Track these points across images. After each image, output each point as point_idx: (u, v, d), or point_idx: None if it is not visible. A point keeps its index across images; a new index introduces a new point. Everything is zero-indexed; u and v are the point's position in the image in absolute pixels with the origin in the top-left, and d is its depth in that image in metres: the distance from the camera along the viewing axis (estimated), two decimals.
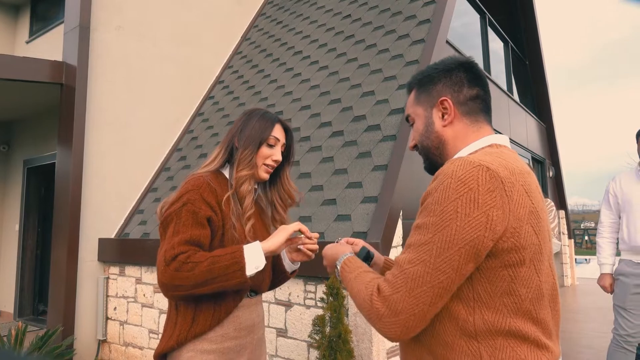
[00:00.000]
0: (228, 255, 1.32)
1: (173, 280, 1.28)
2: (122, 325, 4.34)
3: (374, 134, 3.57)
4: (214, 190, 1.44)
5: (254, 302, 1.54)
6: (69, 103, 4.49)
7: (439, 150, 1.10)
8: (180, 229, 1.34)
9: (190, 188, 1.41)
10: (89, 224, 4.47)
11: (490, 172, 0.90)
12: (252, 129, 1.52)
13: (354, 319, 2.75)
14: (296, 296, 3.09)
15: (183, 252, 1.30)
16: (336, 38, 5.01)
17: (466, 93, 1.08)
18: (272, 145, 1.53)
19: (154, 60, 5.23)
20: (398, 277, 0.91)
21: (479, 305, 0.91)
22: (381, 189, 3.15)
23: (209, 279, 1.29)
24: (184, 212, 1.37)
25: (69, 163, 4.40)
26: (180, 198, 1.40)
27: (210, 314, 1.39)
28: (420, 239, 0.92)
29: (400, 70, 3.93)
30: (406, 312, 0.89)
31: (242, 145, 1.50)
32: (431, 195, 0.94)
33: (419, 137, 1.13)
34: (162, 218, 1.42)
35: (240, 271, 1.31)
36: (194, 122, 5.53)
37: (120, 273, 4.44)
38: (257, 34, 6.35)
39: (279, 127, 1.56)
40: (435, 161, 1.11)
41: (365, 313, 0.97)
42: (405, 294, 0.89)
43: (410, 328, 0.90)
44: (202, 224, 1.37)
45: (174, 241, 1.32)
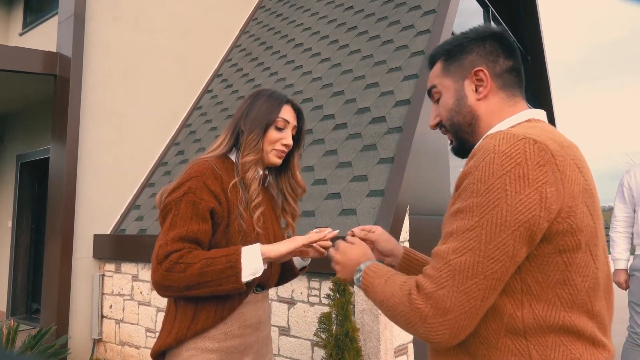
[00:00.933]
0: (223, 257, 1.21)
1: (163, 281, 1.18)
2: (118, 323, 4.22)
3: (379, 126, 3.46)
4: (219, 176, 1.31)
5: (260, 298, 1.42)
6: (63, 95, 4.35)
7: (472, 127, 0.98)
8: (178, 222, 1.23)
9: (193, 174, 1.29)
10: (83, 219, 4.34)
11: (538, 144, 0.79)
12: (258, 111, 1.39)
13: (360, 316, 2.64)
14: (299, 293, 2.98)
15: (176, 251, 1.20)
16: (338, 30, 4.89)
17: (502, 64, 0.97)
18: (281, 128, 1.40)
19: (151, 53, 5.10)
20: (442, 271, 0.80)
21: (528, 298, 0.80)
22: (387, 182, 3.04)
23: (201, 282, 1.18)
24: (184, 202, 1.25)
25: (63, 157, 4.27)
26: (181, 186, 1.28)
27: (212, 310, 1.28)
28: (465, 224, 0.80)
29: (405, 61, 3.82)
30: (455, 310, 0.77)
31: (247, 128, 1.39)
32: (471, 175, 0.82)
33: (447, 113, 1.01)
34: (161, 206, 1.30)
35: (235, 276, 1.20)
36: (192, 116, 5.40)
37: (116, 270, 4.31)
38: (257, 27, 6.23)
39: (288, 109, 1.43)
40: (466, 140, 1.01)
41: (402, 319, 0.84)
42: (452, 289, 0.78)
43: (461, 329, 0.78)
44: (202, 217, 1.25)
45: (169, 237, 1.21)
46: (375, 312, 2.59)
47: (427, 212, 3.54)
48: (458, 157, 1.06)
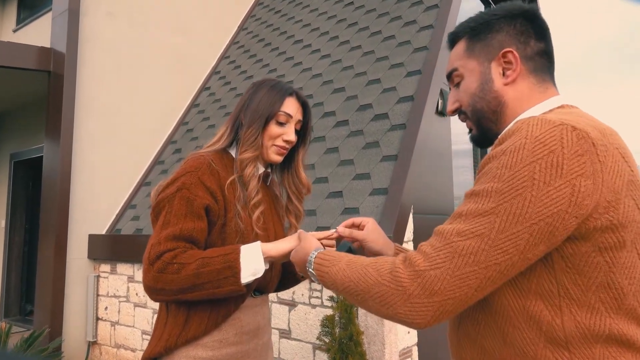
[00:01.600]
0: (221, 257, 1.11)
1: (156, 283, 1.09)
2: (113, 326, 4.12)
3: (382, 123, 3.38)
4: (216, 172, 1.22)
5: (258, 303, 1.32)
6: (57, 91, 4.25)
7: (496, 114, 0.89)
8: (171, 219, 1.14)
9: (188, 169, 1.20)
10: (78, 219, 4.24)
11: (577, 132, 0.71)
12: (259, 103, 1.29)
13: (364, 319, 2.55)
14: (300, 295, 2.89)
15: (170, 250, 1.10)
16: (338, 26, 4.80)
17: (534, 46, 0.88)
18: (283, 122, 1.30)
19: (147, 48, 5.00)
20: (441, 250, 0.73)
21: (568, 303, 0.72)
22: (391, 180, 2.95)
23: (196, 285, 1.09)
24: (177, 198, 1.16)
25: (57, 155, 4.17)
26: (175, 181, 1.19)
27: (206, 316, 1.18)
28: (478, 207, 0.73)
29: (408, 57, 3.74)
30: (444, 294, 0.72)
31: (247, 122, 1.29)
32: (496, 159, 0.75)
33: (469, 99, 0.92)
34: (154, 203, 1.21)
35: (234, 277, 1.11)
36: (189, 114, 5.30)
37: (111, 271, 4.21)
38: (255, 24, 6.13)
39: (292, 101, 1.32)
40: (489, 128, 0.92)
41: (377, 300, 0.77)
42: (447, 272, 0.72)
43: (444, 313, 0.73)
44: (197, 214, 1.16)
45: (162, 235, 1.12)
46: None
47: (431, 211, 3.45)
48: (478, 146, 0.98)
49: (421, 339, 2.98)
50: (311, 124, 1.40)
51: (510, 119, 0.88)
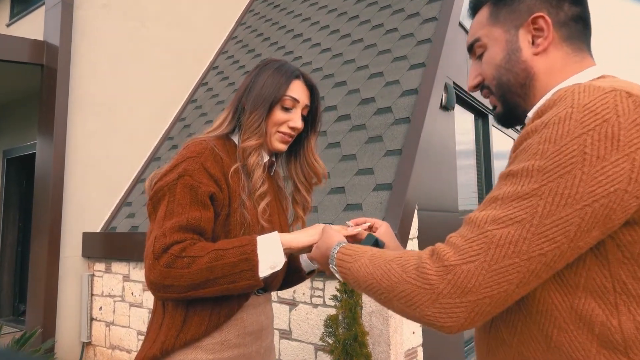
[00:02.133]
0: (236, 249, 1.01)
1: (163, 279, 0.97)
2: (108, 326, 4.00)
3: (385, 117, 3.28)
4: (220, 159, 1.12)
5: (262, 301, 1.22)
6: (50, 86, 4.13)
7: (524, 88, 0.79)
8: (175, 209, 1.03)
9: (189, 155, 1.09)
10: (72, 217, 4.12)
11: (633, 98, 0.61)
12: (262, 87, 1.18)
13: (368, 319, 2.45)
14: (302, 294, 2.79)
15: (178, 242, 0.99)
16: (339, 19, 4.70)
17: (568, 10, 0.78)
18: (289, 108, 1.19)
19: (143, 42, 4.88)
20: (474, 241, 0.64)
21: (626, 300, 0.62)
22: (395, 175, 2.85)
23: (209, 280, 0.98)
24: (180, 186, 1.05)
25: (50, 151, 4.05)
26: (175, 167, 1.08)
27: (206, 316, 1.07)
28: (516, 190, 0.63)
29: (411, 50, 3.64)
30: (479, 292, 0.62)
31: (249, 107, 1.18)
32: (537, 133, 0.65)
33: (494, 71, 0.82)
34: (151, 192, 1.09)
35: (251, 271, 1.01)
36: (187, 109, 5.19)
37: (106, 270, 4.09)
38: (253, 19, 6.03)
39: (298, 85, 1.21)
40: (515, 104, 0.82)
41: (402, 300, 0.68)
42: (482, 266, 0.62)
43: (479, 314, 0.63)
44: (203, 203, 1.05)
45: (166, 227, 1.01)
46: (385, 314, 2.40)
47: (435, 208, 3.36)
48: (503, 125, 0.88)
49: (426, 339, 2.88)
50: (321, 109, 1.29)
51: (540, 93, 0.79)
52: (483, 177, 4.88)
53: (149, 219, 1.10)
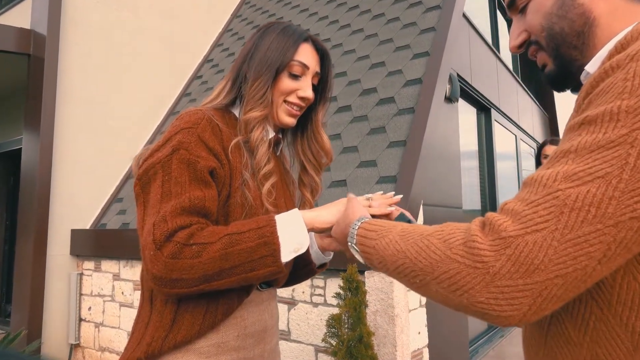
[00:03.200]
0: (253, 232, 0.85)
1: (170, 273, 0.81)
2: (97, 327, 3.83)
3: (388, 108, 3.13)
4: (219, 130, 0.96)
5: (265, 298, 1.06)
6: (37, 77, 3.96)
7: (582, 37, 0.66)
8: (173, 188, 0.87)
9: (183, 126, 0.93)
10: (59, 213, 3.95)
11: None
12: (267, 51, 1.02)
13: (373, 318, 2.31)
14: (301, 292, 2.64)
15: (183, 227, 0.83)
16: (338, 10, 4.56)
17: None
18: (298, 75, 1.03)
19: (135, 33, 4.72)
20: (540, 205, 0.50)
21: None
22: (400, 167, 2.71)
23: (224, 269, 0.83)
24: (175, 162, 0.89)
25: (37, 145, 3.88)
26: (168, 141, 0.92)
27: (200, 314, 0.91)
28: (597, 138, 0.50)
29: (414, 39, 3.50)
30: (550, 270, 0.47)
31: (252, 74, 1.02)
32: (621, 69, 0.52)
33: (544, 21, 0.68)
34: (140, 171, 0.92)
35: (272, 256, 0.85)
36: (180, 103, 5.03)
37: (95, 268, 3.92)
38: (249, 11, 5.87)
39: (308, 49, 1.05)
40: (572, 58, 0.68)
41: (446, 283, 0.53)
42: (553, 235, 0.48)
43: (546, 301, 0.49)
44: (203, 180, 0.89)
45: (166, 210, 0.84)
46: (390, 313, 2.26)
47: (441, 203, 3.22)
48: (555, 87, 0.73)
49: (432, 340, 2.74)
50: (332, 78, 1.14)
51: (602, 42, 0.65)
52: (485, 172, 4.75)
53: (136, 203, 0.93)
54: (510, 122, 5.54)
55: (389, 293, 2.27)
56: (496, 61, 5.11)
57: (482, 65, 4.51)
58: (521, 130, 6.06)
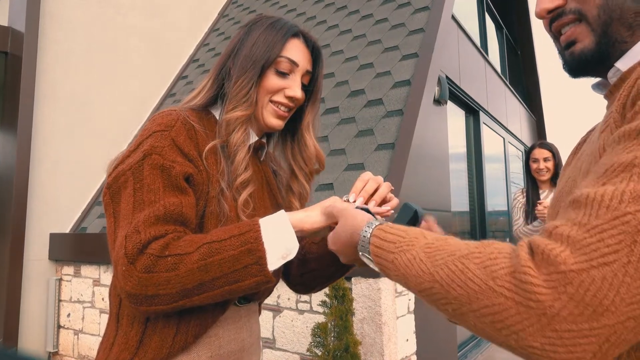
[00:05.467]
0: (235, 238, 0.77)
1: (145, 289, 0.73)
2: (76, 334, 3.71)
3: (376, 110, 3.08)
4: (194, 133, 0.87)
5: (244, 314, 0.97)
6: (15, 75, 3.83)
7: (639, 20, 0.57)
8: (145, 196, 0.78)
9: (155, 129, 0.84)
10: (38, 216, 3.82)
11: None
12: (252, 46, 0.94)
13: (360, 326, 2.24)
14: (286, 299, 2.56)
15: (157, 238, 0.75)
16: (325, 10, 4.50)
17: None
18: (285, 72, 0.95)
19: (118, 31, 4.60)
20: (604, 232, 0.42)
21: None
22: (388, 170, 2.65)
23: (205, 282, 0.75)
24: (147, 168, 0.80)
25: (14, 146, 3.74)
26: (139, 145, 0.83)
27: (169, 336, 0.82)
28: None
29: (403, 40, 3.45)
30: (621, 312, 0.40)
31: (236, 71, 0.94)
32: None
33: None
34: (109, 179, 0.83)
35: (258, 265, 0.76)
36: (165, 104, 4.92)
37: (75, 274, 3.80)
38: (236, 10, 5.79)
39: (297, 45, 0.97)
40: (620, 39, 0.59)
41: (491, 312, 0.45)
42: (626, 270, 0.40)
43: (614, 346, 0.41)
44: (178, 186, 0.81)
45: (139, 220, 0.76)
46: (378, 321, 2.20)
47: (429, 206, 3.17)
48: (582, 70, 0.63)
49: (420, 347, 2.69)
50: (322, 76, 1.05)
51: None
52: (474, 175, 4.72)
53: (105, 214, 0.84)
54: (499, 125, 5.54)
55: (376, 300, 2.20)
56: (485, 64, 5.10)
57: (470, 68, 4.49)
58: (509, 133, 6.07)
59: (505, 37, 7.11)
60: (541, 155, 2.79)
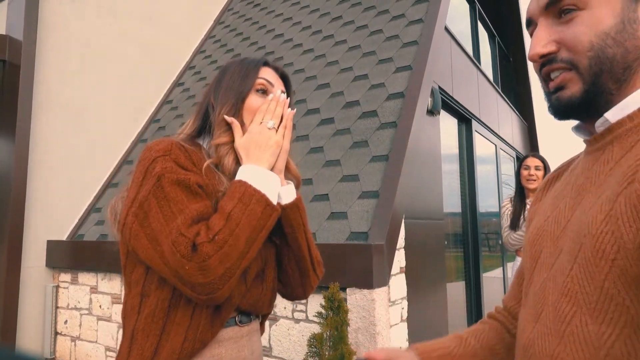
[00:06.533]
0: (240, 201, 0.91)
1: (215, 272, 0.83)
2: (74, 341, 3.74)
3: (370, 121, 3.15)
4: (189, 153, 0.96)
5: (246, 333, 1.02)
6: (12, 83, 3.85)
7: (627, 72, 0.61)
8: (174, 208, 0.86)
9: (155, 155, 0.91)
10: (35, 223, 3.85)
11: None
12: (230, 80, 1.05)
13: (354, 335, 2.31)
14: (283, 308, 2.62)
15: (198, 234, 0.84)
16: (321, 20, 4.57)
17: None
18: (265, 90, 1.05)
19: (115, 38, 4.64)
20: None
21: None
22: (382, 182, 2.72)
23: (248, 238, 0.88)
24: (166, 186, 0.87)
25: (12, 153, 3.77)
26: (147, 173, 0.90)
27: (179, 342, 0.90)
28: None
29: (397, 52, 3.53)
30: None
31: (219, 102, 1.03)
32: None
33: (597, 39, 0.61)
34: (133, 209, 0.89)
35: (267, 205, 0.93)
36: (161, 110, 4.96)
37: (72, 281, 3.83)
38: (232, 17, 5.84)
39: (268, 70, 1.08)
40: (605, 90, 0.62)
41: None
42: None
43: None
44: (198, 193, 0.90)
45: (178, 225, 0.84)
46: (372, 331, 2.26)
47: (422, 215, 3.24)
48: (568, 114, 0.65)
49: None
50: (293, 99, 1.15)
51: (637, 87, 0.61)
52: (466, 180, 4.81)
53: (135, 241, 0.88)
54: (491, 132, 5.63)
55: (370, 311, 2.27)
56: (477, 72, 5.19)
57: (463, 77, 4.57)
58: (501, 140, 6.16)
59: (498, 45, 7.21)
60: (533, 163, 2.92)
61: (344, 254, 2.41)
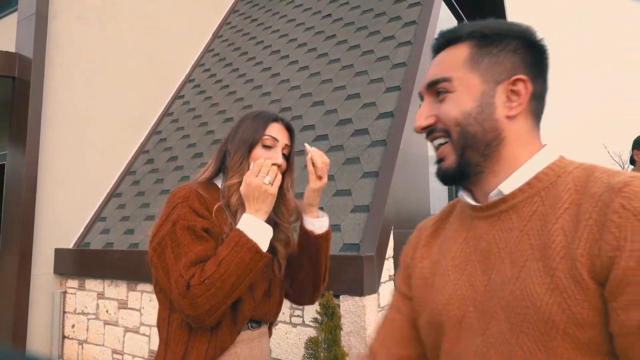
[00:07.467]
0: (233, 249, 1.13)
1: (202, 308, 1.08)
2: (81, 344, 3.94)
3: (362, 139, 3.39)
4: (204, 199, 1.22)
5: (256, 335, 1.28)
6: (23, 98, 4.06)
7: (489, 149, 0.70)
8: (181, 250, 1.14)
9: (176, 201, 1.19)
10: (44, 232, 4.05)
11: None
12: (244, 131, 1.31)
13: (347, 338, 2.54)
14: (281, 314, 2.85)
15: (193, 276, 1.11)
16: (316, 38, 4.80)
17: (540, 85, 0.73)
18: (270, 146, 1.29)
19: (118, 55, 4.84)
20: None
21: None
22: (372, 197, 2.96)
23: (234, 282, 1.11)
24: (178, 231, 1.15)
25: (22, 164, 3.97)
26: (168, 217, 1.18)
27: (203, 348, 1.17)
28: None
29: (387, 73, 3.77)
30: None
31: (233, 150, 1.29)
32: None
33: (461, 117, 0.71)
34: (154, 244, 1.18)
35: (257, 253, 1.15)
36: (162, 122, 5.17)
37: (79, 287, 4.03)
38: (230, 32, 6.06)
39: (277, 126, 1.32)
40: (475, 162, 0.71)
41: None
42: None
43: None
44: (202, 237, 1.16)
45: (180, 267, 1.11)
46: (363, 334, 2.50)
47: (409, 225, 3.48)
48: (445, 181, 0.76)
49: None
50: (295, 150, 1.37)
51: (507, 162, 0.71)
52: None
53: (153, 270, 1.18)
54: None
55: (361, 316, 2.50)
56: None
57: None
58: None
59: None
60: None
61: (338, 264, 2.64)
